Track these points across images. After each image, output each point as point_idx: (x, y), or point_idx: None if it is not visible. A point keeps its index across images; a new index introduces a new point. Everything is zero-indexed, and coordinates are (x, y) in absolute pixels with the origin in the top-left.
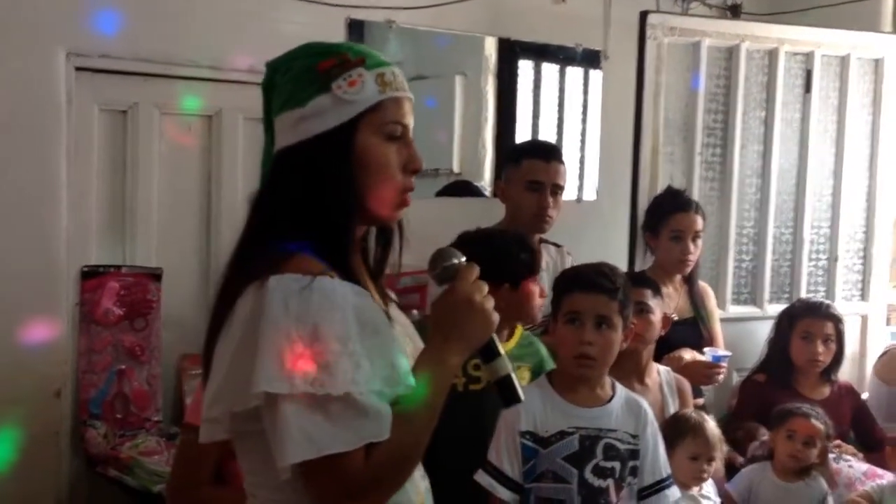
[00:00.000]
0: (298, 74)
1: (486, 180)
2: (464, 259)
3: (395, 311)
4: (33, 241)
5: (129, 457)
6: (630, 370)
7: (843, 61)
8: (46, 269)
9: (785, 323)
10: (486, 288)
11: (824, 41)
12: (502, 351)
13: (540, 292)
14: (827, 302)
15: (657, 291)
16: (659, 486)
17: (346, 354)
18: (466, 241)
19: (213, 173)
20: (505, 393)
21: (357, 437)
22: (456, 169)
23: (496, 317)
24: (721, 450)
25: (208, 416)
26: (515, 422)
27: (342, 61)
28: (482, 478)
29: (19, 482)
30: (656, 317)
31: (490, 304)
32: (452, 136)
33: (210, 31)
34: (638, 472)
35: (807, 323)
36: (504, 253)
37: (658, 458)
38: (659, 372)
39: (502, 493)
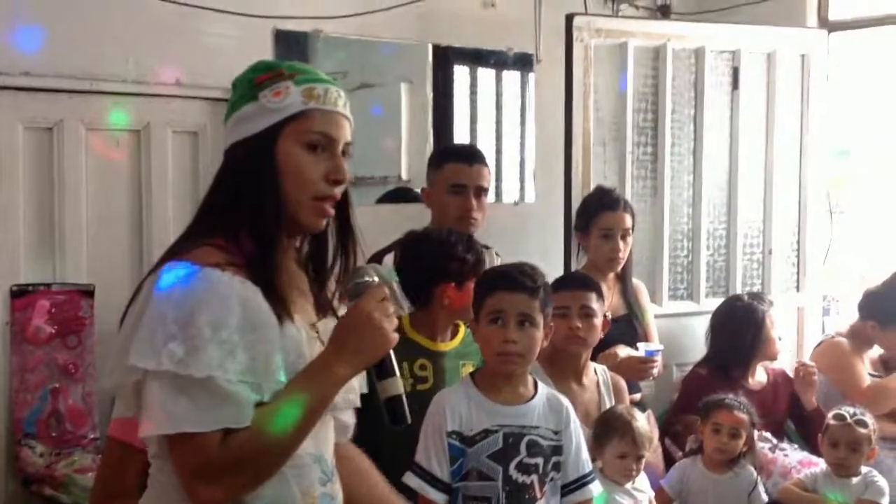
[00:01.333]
0: (240, 86)
1: None
2: (376, 279)
3: (325, 322)
4: None
5: (64, 475)
6: (569, 371)
7: (770, 58)
8: None
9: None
10: (391, 309)
11: (750, 39)
12: (397, 371)
13: None
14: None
15: (601, 295)
16: (582, 482)
17: (217, 342)
18: (413, 241)
19: (143, 187)
20: (393, 413)
21: (213, 419)
22: (404, 176)
23: (394, 337)
24: (650, 447)
25: (103, 386)
26: (441, 422)
27: (276, 75)
28: (411, 480)
29: None
30: (599, 320)
31: (391, 325)
32: (399, 142)
33: (135, 46)
34: (561, 467)
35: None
36: (449, 253)
37: (581, 453)
38: (596, 371)
39: (432, 494)
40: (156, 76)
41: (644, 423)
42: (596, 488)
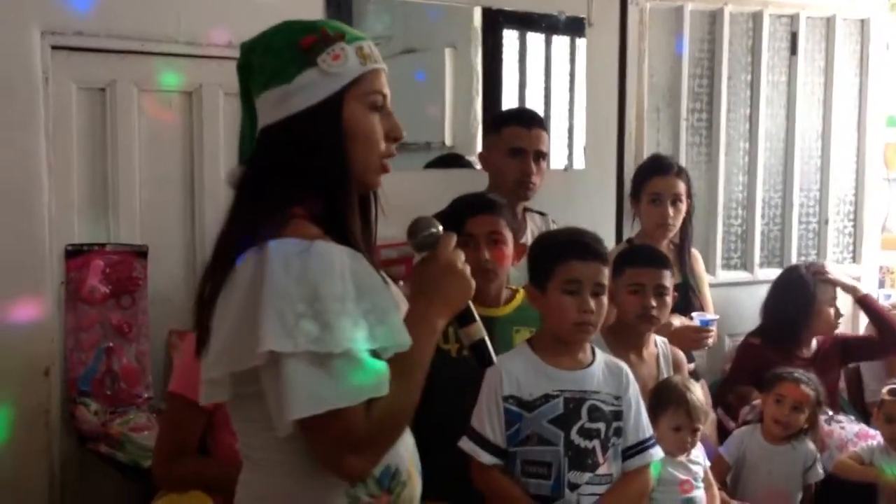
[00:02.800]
0: (280, 52)
1: (477, 153)
2: (441, 228)
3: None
4: (16, 222)
5: (119, 433)
6: (631, 344)
7: (829, 22)
8: (30, 249)
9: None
10: (463, 255)
11: (809, 3)
12: (477, 316)
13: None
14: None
15: (672, 272)
16: (643, 446)
17: (346, 314)
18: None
19: (195, 149)
20: (480, 356)
21: (359, 392)
22: (448, 142)
23: (474, 283)
24: (706, 420)
25: (208, 377)
26: (497, 386)
27: (323, 37)
28: (465, 444)
29: (11, 460)
30: (671, 298)
31: (468, 270)
32: (443, 108)
33: (187, 7)
34: (622, 432)
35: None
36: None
37: (641, 418)
38: (656, 343)
39: (484, 457)
40: (207, 37)
41: (700, 394)
42: (657, 453)
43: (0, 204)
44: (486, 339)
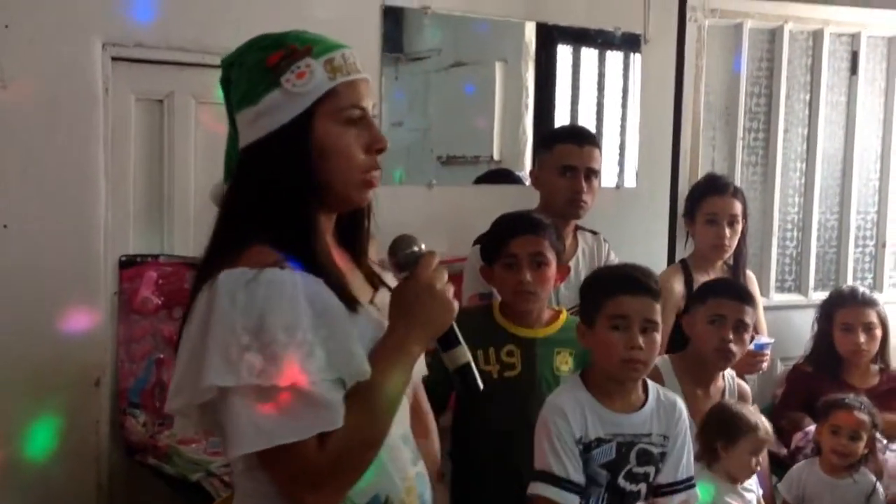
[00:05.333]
0: (250, 70)
1: (526, 168)
2: (424, 246)
3: (380, 295)
4: (72, 231)
5: (167, 445)
6: (702, 379)
7: (891, 42)
8: (85, 259)
9: (824, 315)
10: (445, 276)
11: (871, 21)
12: (461, 339)
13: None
14: (862, 289)
15: (755, 307)
16: (682, 485)
17: (295, 344)
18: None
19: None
20: (464, 382)
21: (307, 426)
22: (496, 156)
23: (456, 304)
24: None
25: (171, 409)
26: (569, 428)
27: (289, 52)
28: (546, 490)
29: (61, 469)
30: (749, 336)
31: (450, 291)
32: (492, 123)
33: (244, 20)
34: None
35: (845, 313)
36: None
37: (683, 457)
38: (724, 378)
39: (570, 499)
40: None
41: (761, 417)
42: (693, 495)
43: (58, 213)
44: (472, 363)
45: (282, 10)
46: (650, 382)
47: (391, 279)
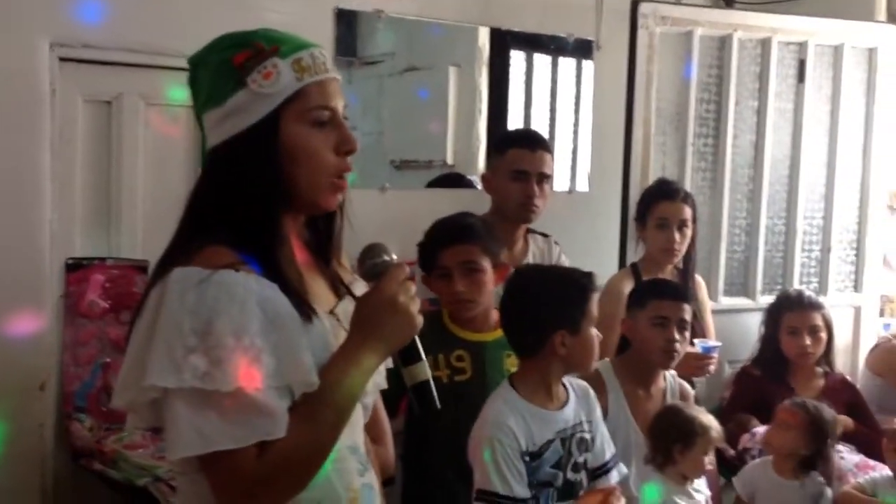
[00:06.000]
0: (216, 70)
1: (479, 172)
2: (394, 257)
3: (344, 304)
4: (18, 234)
5: (113, 450)
6: (643, 378)
7: (837, 51)
8: (31, 262)
9: (771, 318)
10: (413, 289)
11: (818, 30)
12: (423, 355)
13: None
14: (808, 292)
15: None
16: (610, 465)
17: (241, 349)
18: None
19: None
20: (421, 399)
21: (247, 433)
22: (450, 160)
23: (420, 319)
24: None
25: (116, 405)
26: (515, 445)
27: (256, 52)
28: None
29: (4, 474)
30: (689, 333)
31: (416, 306)
32: (446, 127)
33: (195, 21)
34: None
35: (791, 317)
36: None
37: (605, 435)
38: (665, 377)
39: None
40: None
41: (711, 417)
42: (621, 470)
43: (3, 216)
44: (431, 381)
45: (233, 12)
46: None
47: (362, 287)
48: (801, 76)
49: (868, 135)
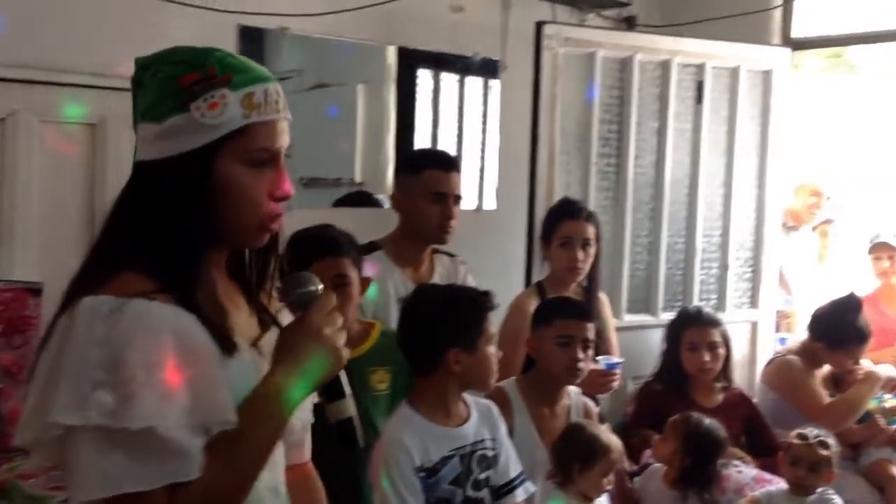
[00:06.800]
0: (162, 83)
1: (387, 190)
2: (321, 287)
3: (269, 336)
4: None
5: (5, 480)
6: (547, 397)
7: (734, 73)
8: None
9: (672, 334)
10: (340, 321)
11: (715, 53)
12: (348, 391)
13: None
14: (707, 309)
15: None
16: (517, 482)
17: (152, 385)
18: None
19: (96, 183)
20: (344, 436)
21: (158, 475)
22: (358, 178)
23: (347, 353)
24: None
25: (19, 443)
26: (408, 461)
27: (206, 76)
28: None
29: None
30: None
31: (342, 339)
32: (354, 144)
33: (93, 38)
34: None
35: (691, 333)
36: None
37: (511, 454)
38: (570, 395)
39: None
40: (113, 69)
41: (613, 437)
42: (529, 488)
43: None
44: (355, 418)
45: (133, 29)
46: (465, 395)
47: (288, 318)
48: (699, 97)
49: (763, 155)
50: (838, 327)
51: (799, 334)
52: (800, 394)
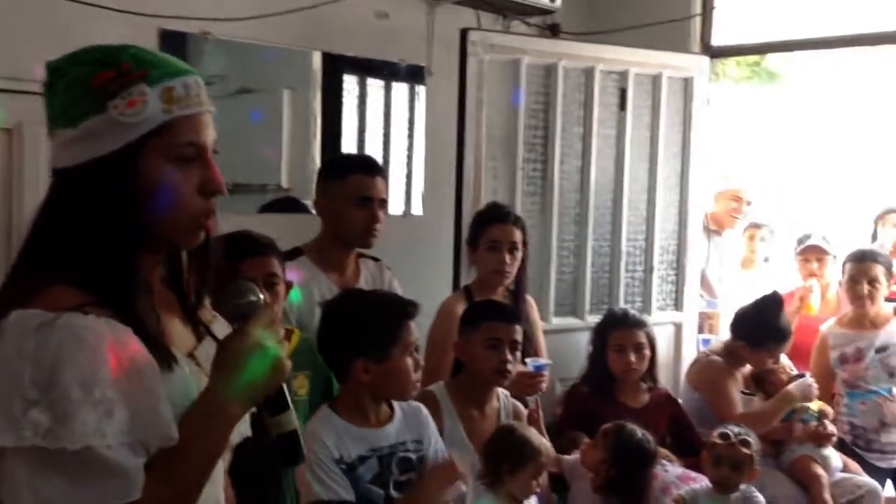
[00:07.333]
0: (72, 86)
1: (314, 196)
2: (262, 296)
3: (205, 346)
4: None
5: None
6: (476, 399)
7: (655, 80)
8: None
9: (598, 336)
10: (282, 332)
11: (637, 60)
12: (291, 404)
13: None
14: (633, 312)
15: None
16: None
17: (91, 403)
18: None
19: (13, 191)
20: (287, 450)
21: (98, 498)
22: (284, 184)
23: (289, 365)
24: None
25: None
26: (327, 451)
27: (121, 73)
28: None
29: None
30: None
31: (284, 350)
32: (280, 150)
33: (8, 40)
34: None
35: (617, 335)
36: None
37: (442, 453)
38: (499, 398)
39: None
40: (30, 73)
41: (543, 440)
42: (455, 491)
43: None
44: (299, 431)
45: (50, 32)
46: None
47: (222, 327)
48: (622, 104)
49: (685, 160)
50: (758, 326)
51: (721, 335)
52: (716, 397)
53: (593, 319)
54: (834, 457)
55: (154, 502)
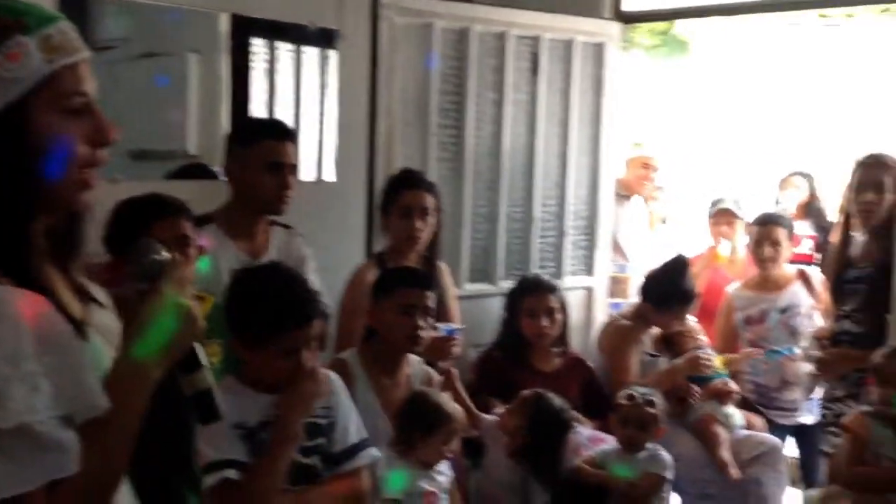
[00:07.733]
0: None
1: (222, 162)
2: (166, 254)
3: (97, 312)
4: None
5: None
6: (387, 365)
7: (567, 46)
8: None
9: (511, 302)
10: (194, 291)
11: (550, 25)
12: (205, 362)
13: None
14: (545, 277)
15: None
16: (356, 449)
17: (19, 378)
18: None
19: None
20: (203, 409)
21: (37, 474)
22: (192, 151)
23: (203, 322)
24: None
25: None
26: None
27: None
28: (213, 478)
29: None
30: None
31: (197, 308)
32: (186, 116)
33: None
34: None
35: (530, 300)
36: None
37: (351, 422)
38: (411, 364)
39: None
40: None
41: (455, 406)
42: (369, 455)
43: None
44: (214, 388)
45: None
46: None
47: (98, 293)
48: (535, 69)
49: (597, 126)
50: (664, 289)
51: (632, 299)
52: (614, 362)
53: (507, 285)
54: (737, 415)
55: (89, 472)
